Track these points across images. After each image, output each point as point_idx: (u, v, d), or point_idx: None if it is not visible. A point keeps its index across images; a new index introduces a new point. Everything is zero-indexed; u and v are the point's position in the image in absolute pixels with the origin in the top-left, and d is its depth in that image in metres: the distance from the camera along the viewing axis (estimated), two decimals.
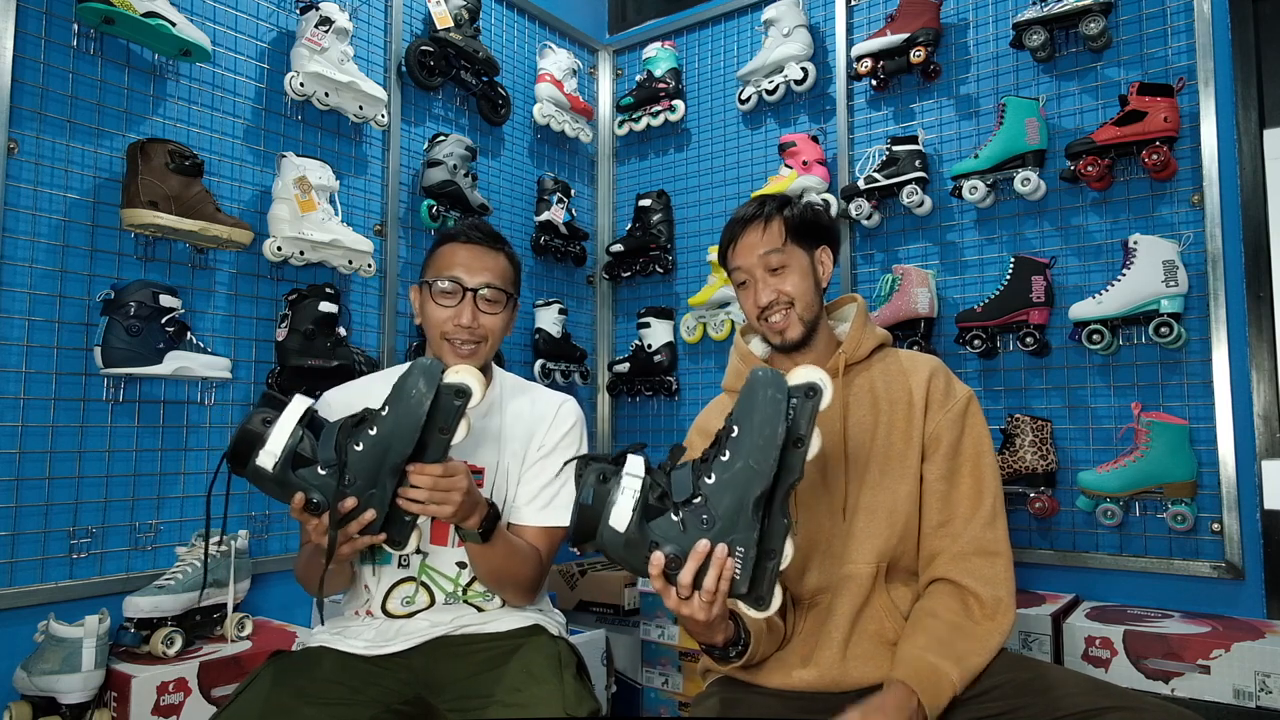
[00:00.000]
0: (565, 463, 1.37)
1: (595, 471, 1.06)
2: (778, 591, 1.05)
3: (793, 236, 1.37)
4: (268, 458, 1.14)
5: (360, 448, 1.16)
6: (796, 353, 1.39)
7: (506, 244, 1.51)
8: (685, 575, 1.02)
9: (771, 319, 1.36)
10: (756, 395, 1.03)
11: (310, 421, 1.17)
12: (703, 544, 1.01)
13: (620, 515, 1.03)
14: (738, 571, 1.03)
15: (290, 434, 1.14)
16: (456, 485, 1.21)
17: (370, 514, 1.18)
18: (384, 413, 1.16)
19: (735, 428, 1.04)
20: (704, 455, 1.07)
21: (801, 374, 1.04)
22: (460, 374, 1.19)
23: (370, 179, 2.27)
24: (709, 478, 1.04)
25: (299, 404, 1.17)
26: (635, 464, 1.06)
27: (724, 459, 1.03)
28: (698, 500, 1.04)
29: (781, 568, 1.05)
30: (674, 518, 1.04)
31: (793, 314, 1.35)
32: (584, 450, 1.53)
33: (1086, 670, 1.64)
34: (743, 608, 1.07)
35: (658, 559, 1.02)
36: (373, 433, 1.16)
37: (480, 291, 1.42)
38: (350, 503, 1.16)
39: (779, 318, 1.36)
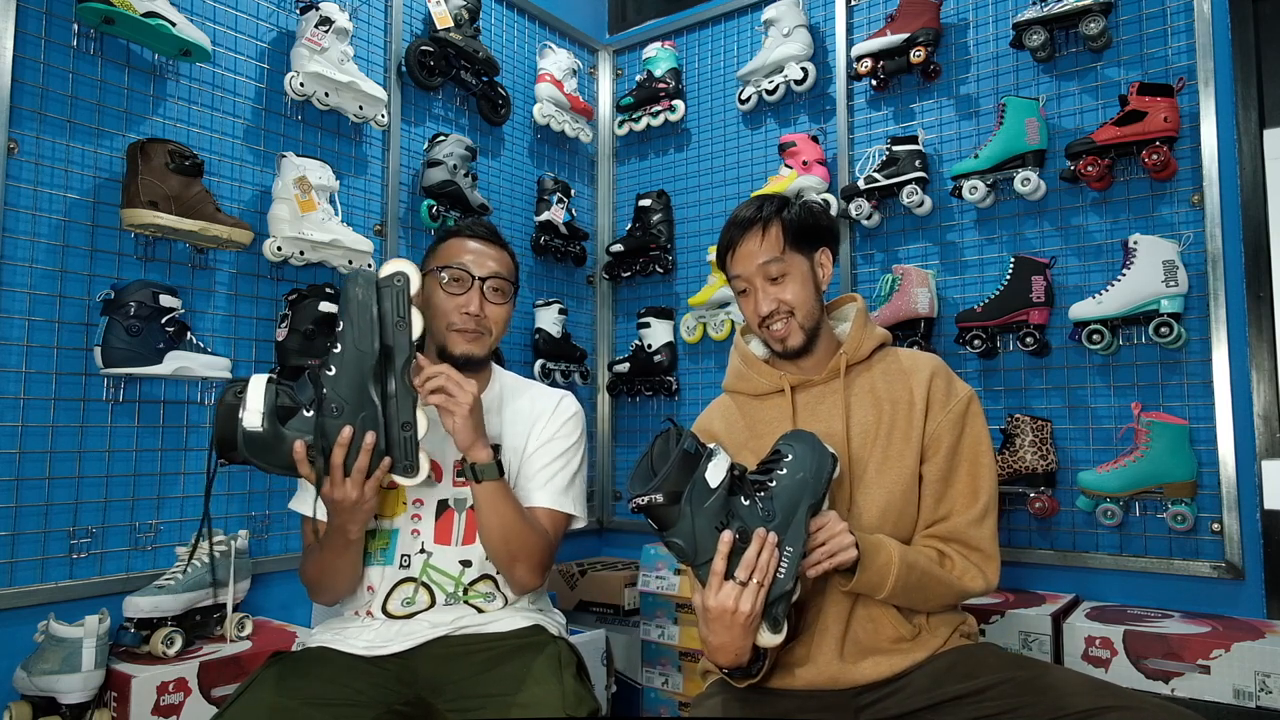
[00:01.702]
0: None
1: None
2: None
3: (792, 242, 1.35)
4: (253, 416, 1.13)
5: (333, 371, 1.16)
6: (798, 356, 1.39)
7: (507, 244, 1.55)
8: (751, 554, 1.09)
9: (773, 327, 1.36)
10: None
11: (279, 382, 1.18)
12: (761, 530, 1.11)
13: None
14: (783, 569, 1.12)
15: (265, 390, 1.14)
16: (462, 376, 1.28)
17: (371, 437, 1.18)
18: (340, 329, 1.17)
19: (785, 465, 1.17)
20: (767, 463, 1.19)
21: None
22: (391, 265, 1.21)
23: (370, 179, 2.27)
24: (772, 482, 1.15)
25: (260, 375, 1.18)
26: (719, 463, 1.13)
27: (782, 473, 1.15)
28: (762, 493, 1.14)
29: (794, 598, 1.15)
30: (744, 501, 1.13)
31: (793, 322, 1.35)
32: (582, 442, 1.54)
33: (1086, 670, 1.64)
34: (760, 634, 1.13)
35: (728, 536, 1.09)
36: (338, 350, 1.16)
37: (488, 281, 1.44)
38: (348, 432, 1.16)
39: (780, 326, 1.35)
